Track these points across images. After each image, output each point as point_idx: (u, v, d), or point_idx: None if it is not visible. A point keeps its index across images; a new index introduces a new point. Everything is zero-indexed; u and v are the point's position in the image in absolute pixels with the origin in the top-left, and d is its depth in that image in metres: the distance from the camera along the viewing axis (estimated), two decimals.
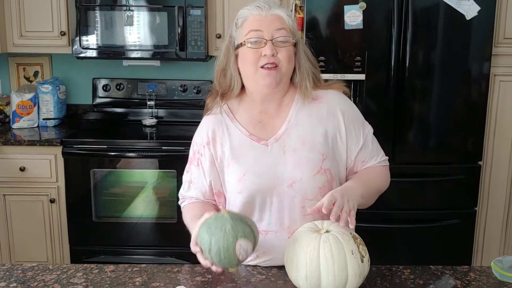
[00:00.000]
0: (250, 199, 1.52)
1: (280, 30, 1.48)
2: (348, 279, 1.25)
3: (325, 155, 1.52)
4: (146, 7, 3.09)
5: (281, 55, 1.48)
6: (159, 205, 3.08)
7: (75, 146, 2.98)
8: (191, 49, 3.10)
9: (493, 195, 3.01)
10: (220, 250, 1.29)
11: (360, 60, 2.70)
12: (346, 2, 2.67)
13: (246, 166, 1.51)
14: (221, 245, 1.29)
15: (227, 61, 1.54)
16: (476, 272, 1.48)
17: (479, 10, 2.66)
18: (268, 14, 1.49)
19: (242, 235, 1.30)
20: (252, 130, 1.55)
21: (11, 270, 1.47)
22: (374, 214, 2.78)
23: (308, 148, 1.52)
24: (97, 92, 3.49)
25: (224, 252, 1.29)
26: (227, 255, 1.29)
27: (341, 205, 1.32)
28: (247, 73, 1.52)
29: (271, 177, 1.50)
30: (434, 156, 2.84)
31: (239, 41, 1.51)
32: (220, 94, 1.56)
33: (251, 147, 1.53)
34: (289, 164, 1.51)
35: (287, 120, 1.55)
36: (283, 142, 1.52)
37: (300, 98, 1.56)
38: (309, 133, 1.53)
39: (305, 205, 1.50)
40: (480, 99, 2.80)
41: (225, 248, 1.29)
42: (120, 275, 1.44)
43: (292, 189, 1.50)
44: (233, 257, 1.30)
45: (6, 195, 3.03)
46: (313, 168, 1.50)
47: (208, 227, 1.32)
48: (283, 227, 1.51)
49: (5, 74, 3.57)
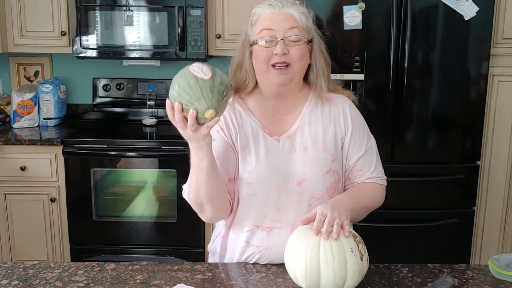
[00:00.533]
0: (258, 191, 1.52)
1: (292, 29, 1.49)
2: (348, 277, 1.26)
3: (335, 156, 1.55)
4: (146, 7, 3.11)
5: (293, 53, 1.48)
6: (159, 205, 3.09)
7: (75, 146, 2.99)
8: (191, 49, 3.12)
9: (491, 195, 3.03)
10: (175, 80, 1.30)
11: (359, 60, 2.72)
12: (345, 2, 2.68)
13: (258, 159, 1.52)
14: (176, 76, 1.31)
15: (243, 57, 1.56)
16: (474, 270, 1.49)
17: (478, 11, 2.68)
18: (281, 13, 1.50)
19: (187, 66, 1.33)
20: (265, 123, 1.57)
21: (13, 268, 1.48)
22: (373, 213, 2.76)
23: (319, 148, 1.54)
24: (97, 92, 3.51)
25: (181, 78, 1.30)
26: (183, 79, 1.29)
27: (331, 221, 1.32)
28: (259, 70, 1.53)
29: (281, 173, 1.52)
30: (433, 155, 2.86)
31: (253, 39, 1.52)
32: (235, 89, 1.58)
33: (264, 140, 1.54)
34: (299, 162, 1.52)
35: (299, 118, 1.57)
36: (295, 140, 1.54)
37: (314, 98, 1.58)
38: (320, 133, 1.55)
39: (312, 203, 1.51)
40: (479, 99, 2.81)
41: (179, 74, 1.31)
42: (121, 273, 1.45)
43: (301, 186, 1.52)
44: (189, 75, 1.29)
45: (7, 194, 3.05)
46: (323, 168, 1.53)
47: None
48: (288, 225, 1.52)
49: (6, 73, 3.58)
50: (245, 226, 1.55)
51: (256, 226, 1.53)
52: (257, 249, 1.53)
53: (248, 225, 1.54)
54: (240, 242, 1.56)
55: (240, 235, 1.56)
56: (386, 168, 2.76)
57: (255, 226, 1.53)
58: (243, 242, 1.55)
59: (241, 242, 1.55)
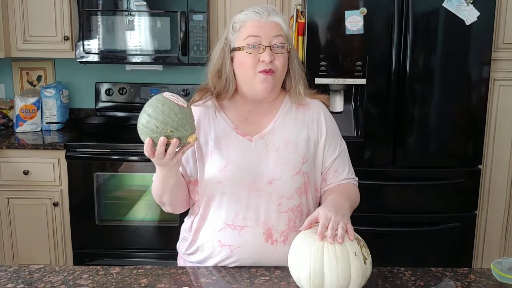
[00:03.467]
0: (228, 190, 1.55)
1: (277, 37, 1.53)
2: (351, 280, 1.27)
3: (305, 159, 1.59)
4: (148, 12, 3.12)
5: (277, 61, 1.54)
6: (161, 209, 3.07)
7: (78, 150, 3.00)
8: (193, 54, 3.13)
9: (493, 199, 3.04)
10: (160, 109, 1.32)
11: (361, 65, 2.73)
12: (347, 7, 2.69)
13: (228, 158, 1.55)
14: (158, 106, 1.32)
15: (223, 63, 1.59)
16: (476, 274, 1.50)
17: (479, 16, 2.69)
18: (267, 21, 1.54)
19: (160, 95, 1.37)
20: (238, 124, 1.60)
21: (18, 271, 1.49)
22: (376, 217, 2.81)
23: (291, 149, 1.58)
24: (100, 97, 3.52)
25: (164, 106, 1.32)
26: (168, 106, 1.32)
27: (335, 225, 1.33)
28: (243, 77, 1.56)
29: (252, 172, 1.55)
30: (434, 160, 2.86)
31: (237, 45, 1.55)
32: (215, 95, 1.61)
33: (236, 140, 1.57)
34: (270, 162, 1.56)
35: (274, 120, 1.61)
36: (267, 141, 1.58)
37: (289, 102, 1.63)
38: (293, 135, 1.59)
39: (281, 203, 1.55)
40: (480, 103, 2.82)
41: (162, 104, 1.33)
42: (126, 277, 1.46)
43: (271, 186, 1.55)
44: (174, 105, 1.33)
45: (9, 198, 3.06)
46: (293, 168, 1.56)
47: (139, 118, 1.36)
48: (259, 223, 1.55)
49: (9, 78, 3.60)
50: (216, 225, 1.57)
51: (227, 224, 1.56)
52: (229, 248, 1.55)
53: (219, 224, 1.57)
54: (212, 241, 1.58)
55: (212, 234, 1.58)
56: (388, 172, 2.82)
57: (226, 225, 1.56)
58: (215, 241, 1.57)
59: (213, 241, 1.58)
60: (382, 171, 2.83)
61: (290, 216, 1.56)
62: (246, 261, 1.55)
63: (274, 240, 1.55)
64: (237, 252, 1.55)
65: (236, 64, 1.57)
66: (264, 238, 1.55)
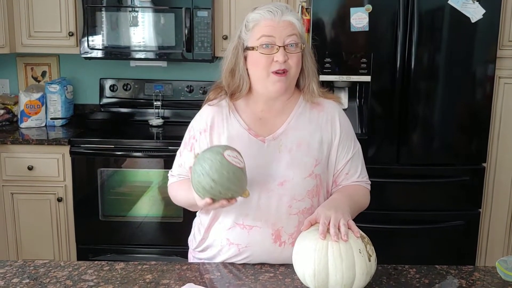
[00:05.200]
0: None
1: (291, 36, 1.51)
2: (356, 278, 1.27)
3: (318, 161, 1.57)
4: (153, 8, 3.12)
5: (291, 61, 1.51)
6: (164, 205, 3.10)
7: (82, 146, 3.01)
8: (198, 50, 3.13)
9: (497, 197, 3.03)
10: (218, 170, 1.35)
11: (366, 62, 2.72)
12: (352, 4, 2.69)
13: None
14: (215, 166, 1.35)
15: (236, 62, 1.57)
16: (481, 272, 1.50)
17: (484, 13, 2.68)
18: (281, 20, 1.51)
19: (221, 149, 1.39)
20: (252, 125, 1.59)
21: (23, 266, 1.49)
22: (380, 215, 2.81)
23: (304, 151, 1.56)
24: (104, 92, 3.52)
25: (222, 168, 1.35)
26: (226, 168, 1.35)
27: (336, 223, 1.34)
28: (257, 76, 1.55)
29: (263, 173, 1.54)
30: (439, 157, 2.86)
31: (250, 45, 1.53)
32: (229, 94, 1.60)
33: (248, 141, 1.56)
34: (283, 163, 1.55)
35: (287, 121, 1.59)
36: (280, 142, 1.56)
37: (303, 102, 1.61)
38: (306, 137, 1.57)
39: (292, 204, 1.54)
40: (485, 101, 2.81)
41: (220, 165, 1.35)
42: (130, 273, 1.46)
43: (282, 187, 1.54)
44: (233, 167, 1.36)
45: (14, 193, 3.07)
46: (305, 170, 1.55)
47: (194, 169, 1.39)
48: (268, 224, 1.54)
49: (13, 74, 3.61)
50: (226, 224, 1.57)
51: (237, 223, 1.56)
52: (237, 247, 1.55)
53: (229, 223, 1.57)
54: (220, 239, 1.58)
55: (221, 232, 1.58)
56: (392, 170, 2.82)
57: (236, 224, 1.56)
58: (224, 239, 1.57)
59: (221, 240, 1.58)
60: (386, 169, 2.82)
61: (300, 219, 1.54)
62: (253, 261, 1.55)
63: (282, 241, 1.54)
64: (245, 251, 1.55)
65: (249, 63, 1.55)
66: (272, 239, 1.54)
